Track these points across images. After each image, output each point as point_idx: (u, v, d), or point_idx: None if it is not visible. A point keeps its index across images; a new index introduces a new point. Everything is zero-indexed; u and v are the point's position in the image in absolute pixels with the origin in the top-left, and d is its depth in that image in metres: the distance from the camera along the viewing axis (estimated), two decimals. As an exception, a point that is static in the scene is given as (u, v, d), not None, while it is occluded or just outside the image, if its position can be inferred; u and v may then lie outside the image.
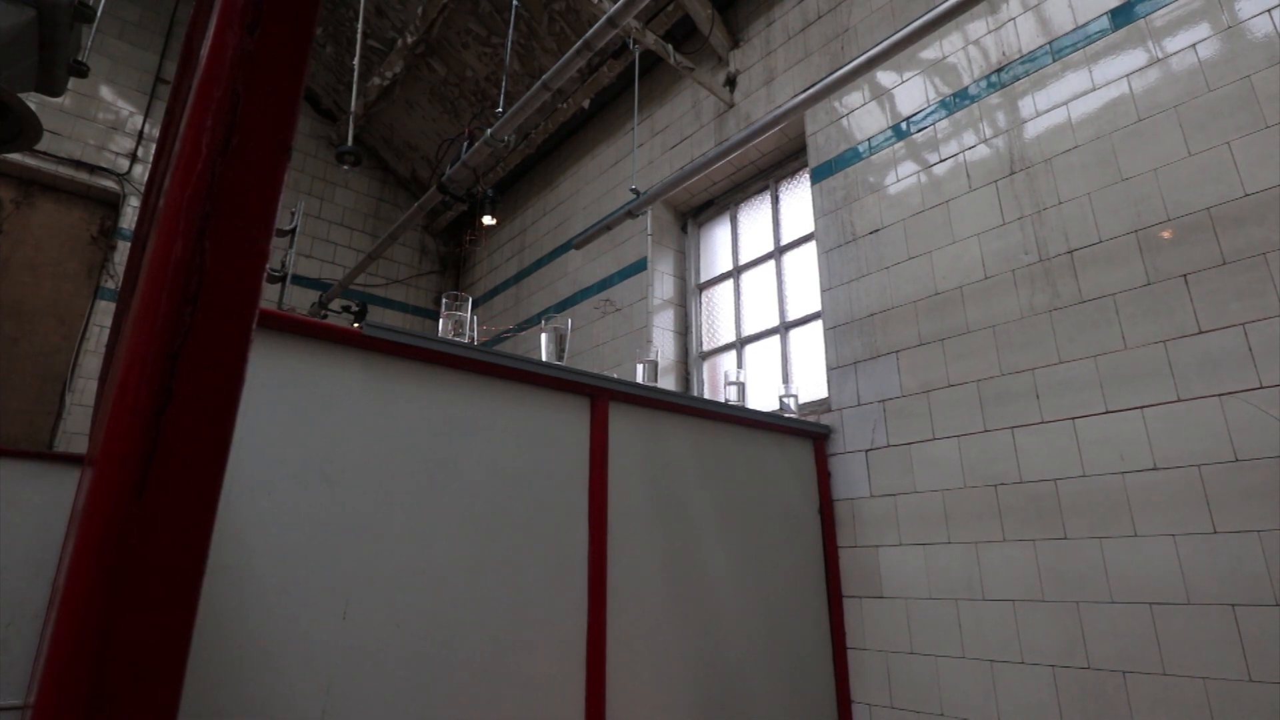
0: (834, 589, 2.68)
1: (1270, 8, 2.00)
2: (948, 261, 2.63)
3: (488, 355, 1.84)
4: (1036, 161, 2.45)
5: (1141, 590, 1.97)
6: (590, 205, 4.82)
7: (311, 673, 1.43)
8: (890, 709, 2.45)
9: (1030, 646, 2.15)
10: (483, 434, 1.83)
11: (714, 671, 2.17)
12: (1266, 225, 1.91)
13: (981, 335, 2.47)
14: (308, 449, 1.53)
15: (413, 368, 1.75)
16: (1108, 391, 2.13)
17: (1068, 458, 2.18)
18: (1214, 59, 2.09)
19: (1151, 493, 2.00)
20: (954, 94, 2.77)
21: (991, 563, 2.29)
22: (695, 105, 4.13)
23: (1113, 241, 2.21)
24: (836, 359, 2.95)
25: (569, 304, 4.73)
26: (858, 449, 2.77)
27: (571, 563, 1.91)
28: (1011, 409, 2.34)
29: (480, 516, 1.76)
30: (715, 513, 2.36)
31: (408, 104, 5.66)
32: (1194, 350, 1.99)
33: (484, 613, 1.71)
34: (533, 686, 1.74)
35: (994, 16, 2.70)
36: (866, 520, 2.67)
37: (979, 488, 2.37)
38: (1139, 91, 2.24)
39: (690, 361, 4.00)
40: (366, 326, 1.64)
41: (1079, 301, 2.25)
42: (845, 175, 3.12)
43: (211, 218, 0.46)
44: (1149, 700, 1.90)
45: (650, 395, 2.24)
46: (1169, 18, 2.21)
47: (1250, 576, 1.80)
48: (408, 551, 1.62)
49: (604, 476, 2.04)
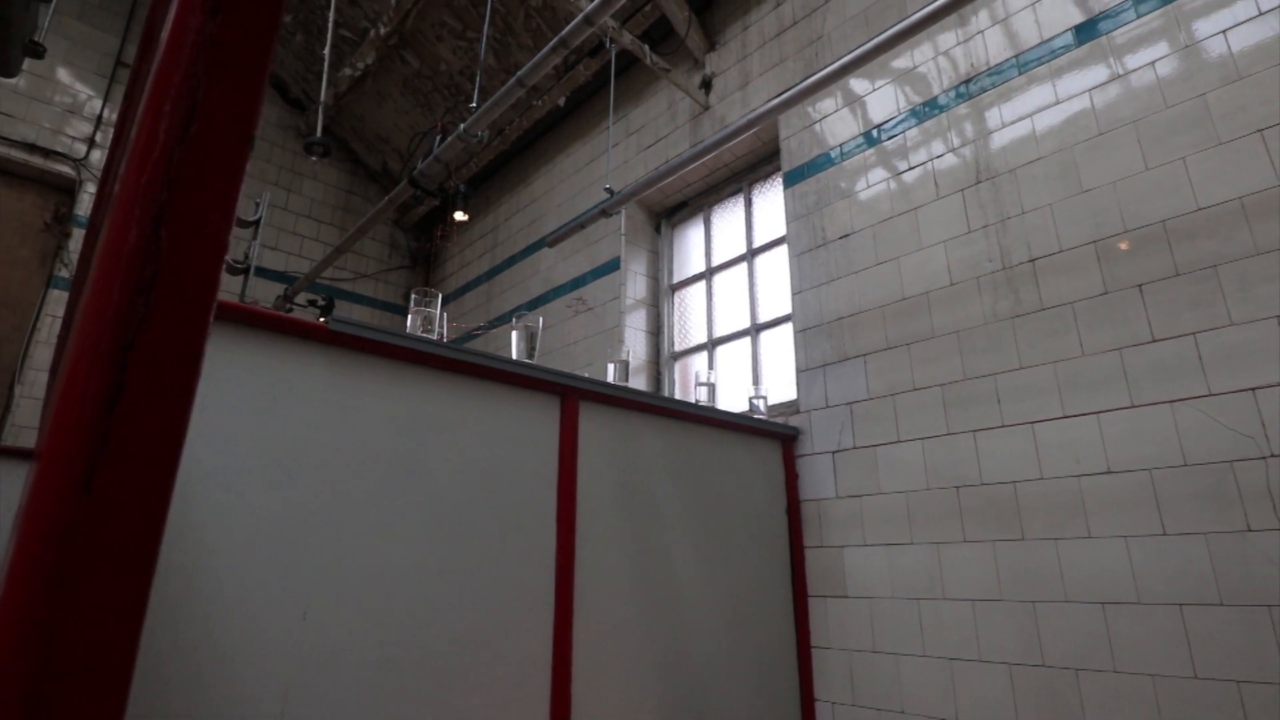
0: (799, 589, 2.71)
1: (1225, 29, 2.08)
2: (915, 267, 2.68)
3: (456, 352, 1.82)
4: (1001, 171, 2.51)
5: (1094, 590, 2.03)
6: (564, 203, 4.80)
7: (269, 675, 1.40)
8: (852, 707, 2.48)
9: (988, 645, 2.21)
10: (450, 432, 1.81)
11: (680, 671, 2.18)
12: (1218, 239, 1.99)
13: (946, 340, 2.52)
14: (269, 445, 1.50)
15: (379, 364, 1.72)
16: (1065, 397, 2.19)
17: (1026, 461, 2.24)
18: (1171, 77, 2.16)
19: (1105, 495, 2.06)
20: (924, 103, 2.82)
21: (952, 563, 2.34)
22: (671, 106, 4.14)
23: (1072, 251, 2.27)
24: (806, 361, 2.99)
25: (541, 302, 4.71)
26: (825, 450, 2.81)
27: (539, 563, 1.90)
28: (974, 413, 2.39)
29: (446, 516, 1.75)
30: (684, 513, 2.37)
31: (379, 96, 5.57)
32: (1147, 358, 2.05)
33: (448, 613, 1.69)
34: (497, 688, 1.73)
35: (963, 29, 2.76)
36: (832, 521, 2.71)
37: (941, 489, 2.42)
38: (1100, 106, 2.30)
39: (662, 362, 4.01)
40: (332, 321, 1.62)
41: (1039, 309, 2.31)
42: (817, 180, 3.16)
43: (168, 206, 0.45)
44: (1100, 697, 1.96)
45: (621, 395, 2.24)
46: (1130, 35, 2.28)
47: (1197, 577, 1.86)
48: (371, 551, 1.59)
49: (573, 476, 2.03)
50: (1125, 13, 2.30)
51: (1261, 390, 1.84)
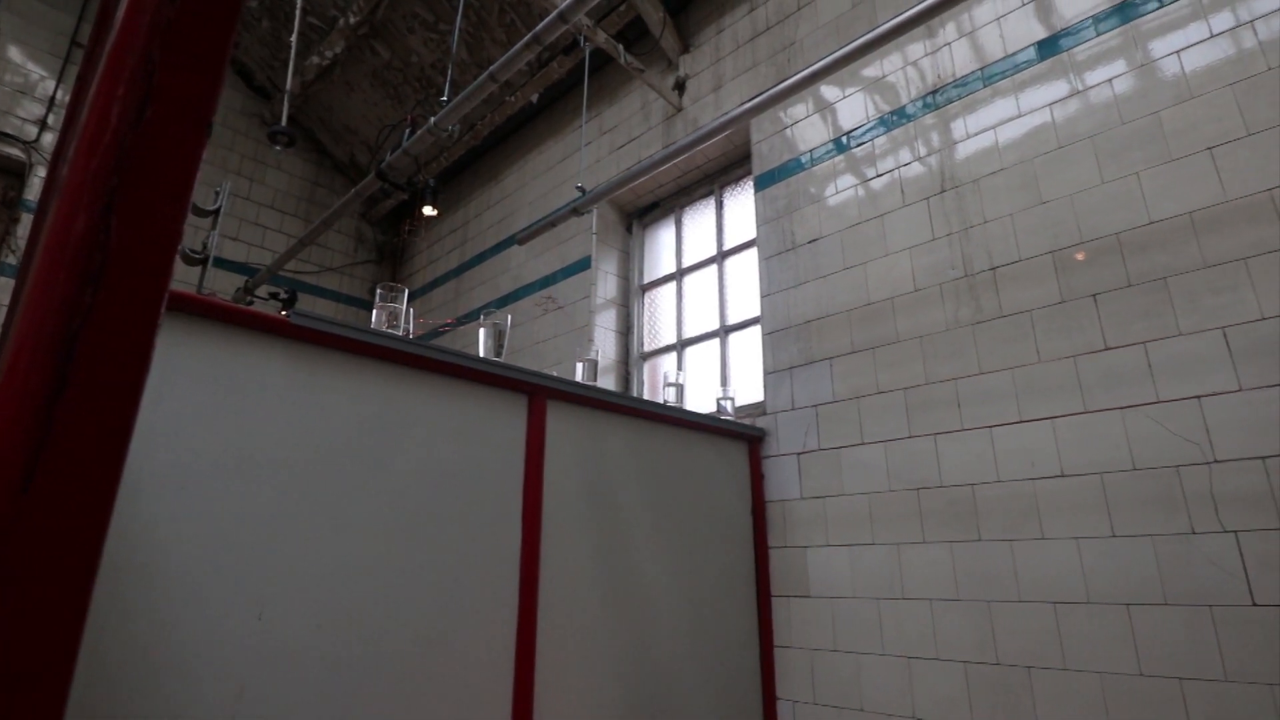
0: (763, 589, 2.73)
1: (1179, 50, 2.16)
2: (881, 273, 2.73)
3: (422, 349, 1.80)
4: (965, 181, 2.56)
5: (1046, 590, 2.09)
6: (536, 201, 4.77)
7: (222, 676, 1.36)
8: (813, 705, 2.52)
9: (945, 643, 2.25)
10: (415, 430, 1.79)
11: (644, 670, 2.19)
12: (1168, 251, 2.06)
13: (910, 345, 2.57)
14: (226, 441, 1.46)
15: (343, 360, 1.69)
16: (1022, 402, 2.25)
17: (984, 464, 2.29)
18: (1128, 94, 2.24)
19: (1058, 498, 2.12)
20: (892, 111, 2.87)
21: (912, 563, 2.39)
22: (644, 107, 4.14)
23: (1031, 260, 2.33)
24: (773, 363, 3.02)
25: (511, 300, 4.67)
26: (790, 452, 2.84)
27: (503, 562, 1.89)
28: (935, 416, 2.44)
29: (410, 514, 1.72)
30: (650, 513, 2.37)
31: (348, 86, 5.47)
32: (1100, 365, 2.12)
33: (410, 613, 1.67)
34: (459, 688, 1.71)
35: (931, 40, 2.81)
36: (796, 521, 2.74)
37: (902, 491, 2.46)
38: (1060, 120, 2.37)
39: (631, 362, 4.01)
40: (294, 315, 1.58)
41: (999, 316, 2.37)
42: (787, 185, 3.19)
43: (119, 192, 0.44)
44: (1051, 694, 2.02)
45: (589, 394, 2.23)
46: (1089, 52, 2.35)
47: (1143, 578, 1.93)
48: (331, 550, 1.56)
49: (539, 475, 2.02)
50: (1085, 30, 2.37)
51: (1206, 398, 1.92)
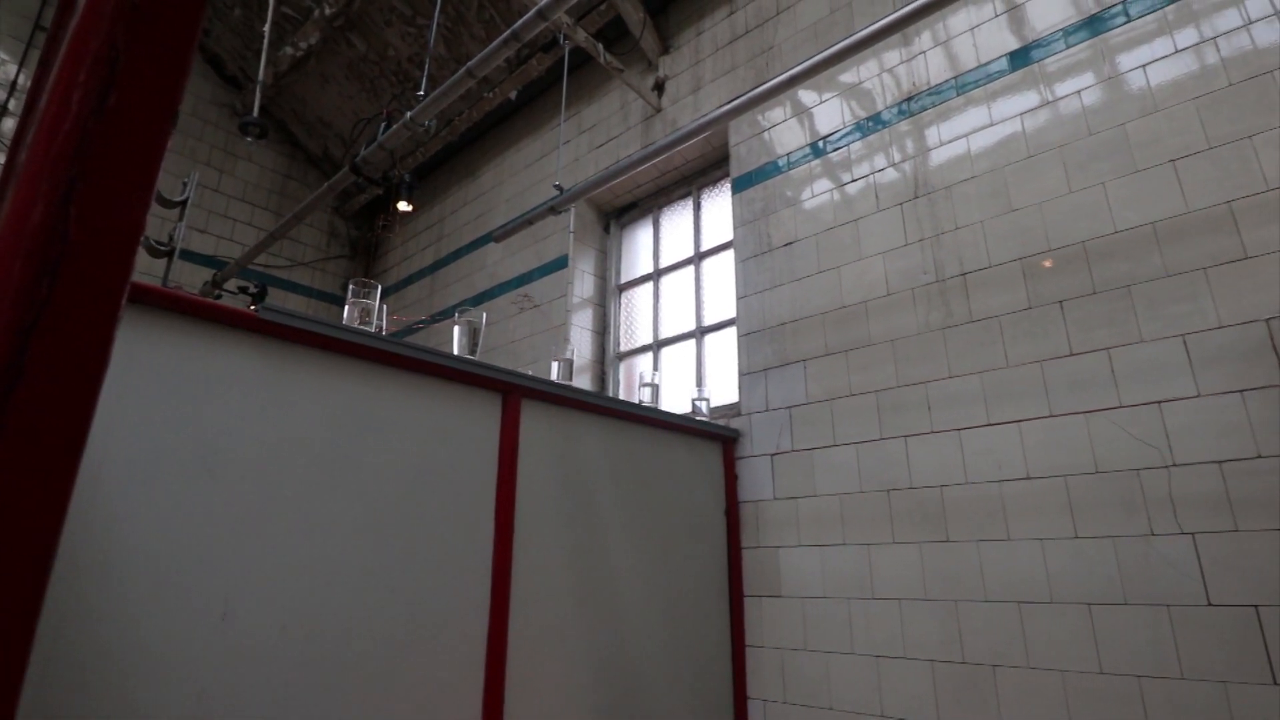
0: (735, 588, 2.75)
1: (1145, 64, 2.22)
2: (855, 277, 2.76)
3: (395, 346, 1.78)
4: (938, 188, 2.61)
5: (1011, 590, 2.13)
6: (513, 198, 4.74)
7: (182, 677, 1.33)
8: (783, 704, 2.54)
9: (913, 642, 2.29)
10: (387, 428, 1.76)
11: (616, 671, 2.18)
12: (1132, 260, 2.12)
13: (882, 348, 2.61)
14: (191, 438, 1.43)
15: (313, 356, 1.66)
16: (990, 406, 2.30)
17: (953, 466, 2.33)
18: (1096, 106, 2.29)
19: (1024, 500, 2.16)
20: (868, 118, 2.91)
21: (882, 564, 2.42)
22: (624, 107, 4.14)
23: (1001, 267, 2.38)
24: (748, 365, 3.03)
25: (487, 297, 4.63)
26: (764, 453, 2.86)
27: (475, 562, 1.87)
28: (906, 419, 2.48)
29: (380, 513, 1.70)
30: (624, 513, 2.37)
31: (323, 78, 5.38)
32: (1065, 370, 2.17)
33: (380, 614, 1.65)
34: (429, 689, 1.70)
35: (907, 48, 2.86)
36: (769, 522, 2.76)
37: (873, 492, 2.50)
38: (1030, 130, 2.42)
39: (607, 361, 4.01)
40: (263, 310, 1.55)
41: (969, 321, 2.41)
42: (764, 187, 3.21)
43: (79, 182, 0.43)
44: (1015, 691, 2.06)
45: (564, 394, 2.23)
46: (1059, 64, 2.40)
47: (1104, 578, 1.98)
48: (298, 549, 1.54)
49: (513, 475, 2.01)
50: (1056, 42, 2.43)
51: (1167, 404, 1.97)
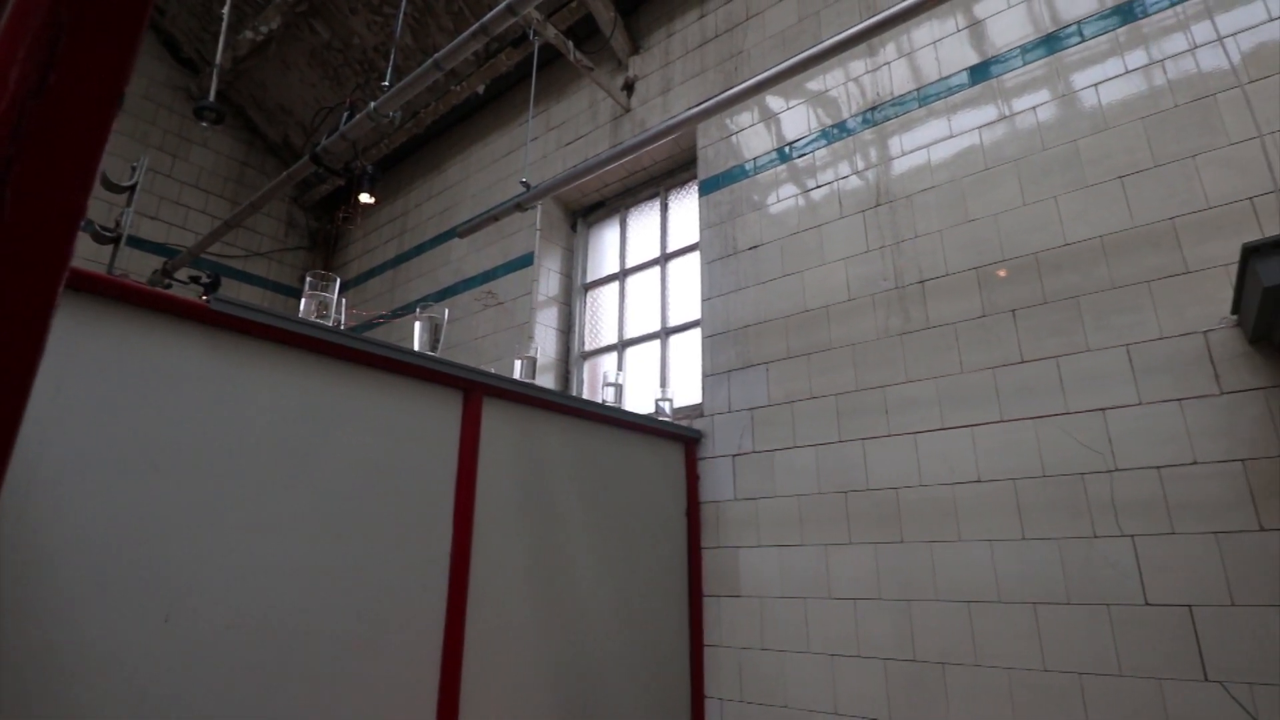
0: (695, 588, 2.77)
1: (1097, 83, 2.30)
2: (817, 282, 2.80)
3: (353, 341, 1.74)
4: (899, 197, 2.66)
5: (961, 590, 2.19)
6: (479, 193, 4.69)
7: (123, 681, 1.28)
8: (740, 703, 2.56)
9: (867, 641, 2.33)
10: (343, 424, 1.73)
11: (574, 671, 2.18)
12: (1080, 272, 2.19)
13: (842, 352, 2.65)
14: (135, 433, 1.38)
15: (267, 349, 1.62)
16: (944, 410, 2.36)
17: (908, 468, 2.39)
18: (1050, 122, 2.37)
19: (975, 502, 2.23)
20: (834, 125, 2.96)
21: (838, 564, 2.46)
22: (593, 105, 4.13)
23: (957, 275, 2.44)
24: (711, 367, 3.06)
25: (450, 293, 4.57)
26: (726, 454, 2.88)
27: (432, 562, 1.85)
28: (863, 422, 2.53)
29: (335, 511, 1.66)
30: (586, 513, 2.37)
31: (284, 64, 5.24)
32: (1016, 377, 2.24)
33: (332, 613, 1.61)
34: (382, 690, 1.67)
35: (872, 59, 2.91)
36: (729, 522, 2.79)
37: (831, 494, 2.54)
38: (988, 143, 2.49)
39: (571, 361, 3.99)
40: (215, 300, 1.51)
41: (926, 327, 2.47)
42: (731, 191, 3.24)
43: (15, 164, 0.41)
44: (963, 689, 2.12)
45: (527, 392, 2.21)
46: (1017, 80, 2.48)
47: (1049, 578, 2.05)
48: (248, 548, 1.49)
49: (473, 473, 1.99)
50: (1014, 59, 2.50)
51: (1110, 411, 2.05)
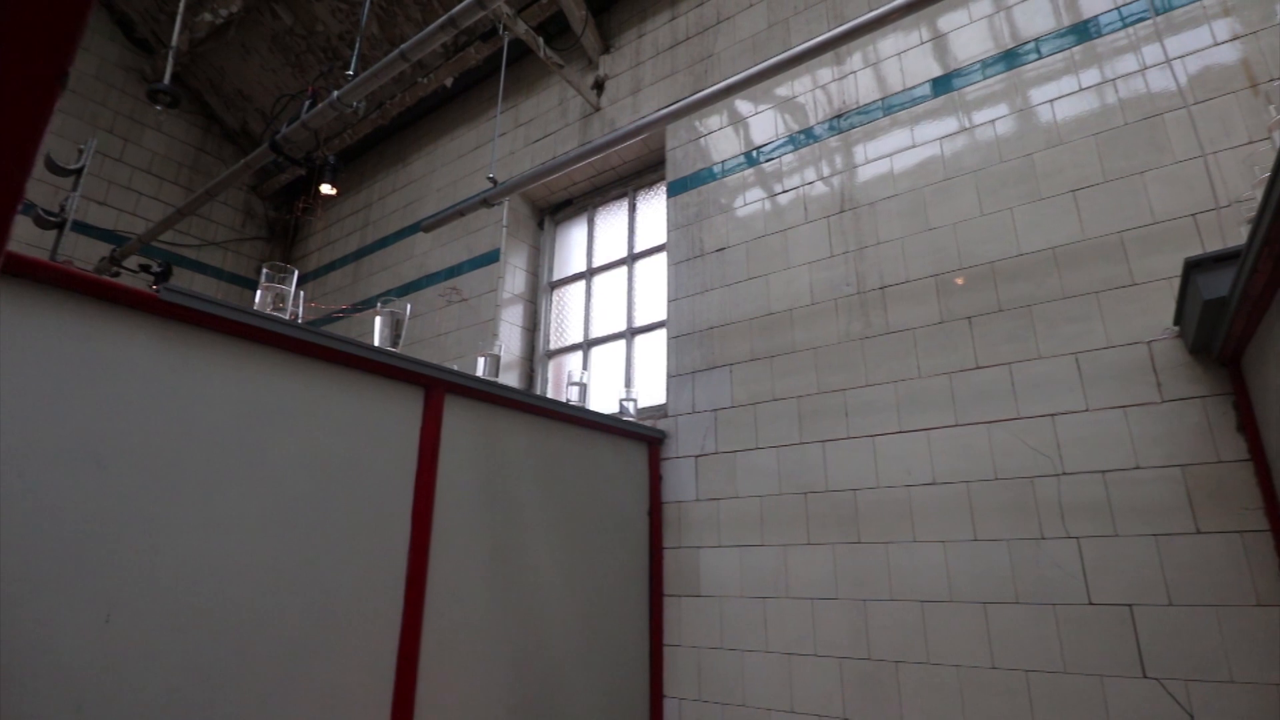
0: (656, 588, 2.77)
1: (1052, 99, 2.37)
2: (782, 285, 2.84)
3: (310, 335, 1.70)
4: (863, 203, 2.71)
5: (915, 589, 2.24)
6: (445, 188, 4.62)
7: (60, 686, 1.23)
8: (698, 702, 2.58)
9: (823, 640, 2.37)
10: (298, 420, 1.69)
11: (533, 672, 2.16)
12: (1033, 281, 2.26)
13: (805, 356, 2.69)
14: (77, 426, 1.32)
15: (220, 342, 1.57)
16: (902, 414, 2.41)
17: (866, 470, 2.43)
18: (1007, 135, 2.44)
19: (929, 504, 2.28)
20: (801, 131, 2.99)
21: (797, 564, 2.49)
22: (562, 103, 4.11)
23: (917, 282, 2.50)
24: (676, 367, 3.07)
25: (413, 288, 4.50)
26: (689, 454, 2.90)
27: (389, 561, 1.82)
28: (824, 424, 2.57)
29: (288, 509, 1.62)
30: (548, 512, 2.35)
31: (244, 49, 5.09)
32: (971, 383, 2.30)
33: (284, 615, 1.57)
34: (335, 692, 1.63)
35: (839, 67, 2.96)
36: (691, 523, 2.80)
37: (792, 495, 2.57)
38: (948, 154, 2.55)
39: (536, 359, 3.97)
40: (165, 290, 1.46)
41: (886, 332, 2.52)
42: (699, 193, 3.26)
43: (-55, 142, 0.39)
44: (915, 686, 2.17)
45: (490, 390, 2.19)
46: (977, 94, 2.54)
47: (998, 579, 2.11)
48: (195, 546, 1.45)
49: (433, 472, 1.96)
50: (974, 73, 2.57)
51: (1059, 416, 2.12)
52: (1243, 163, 2.00)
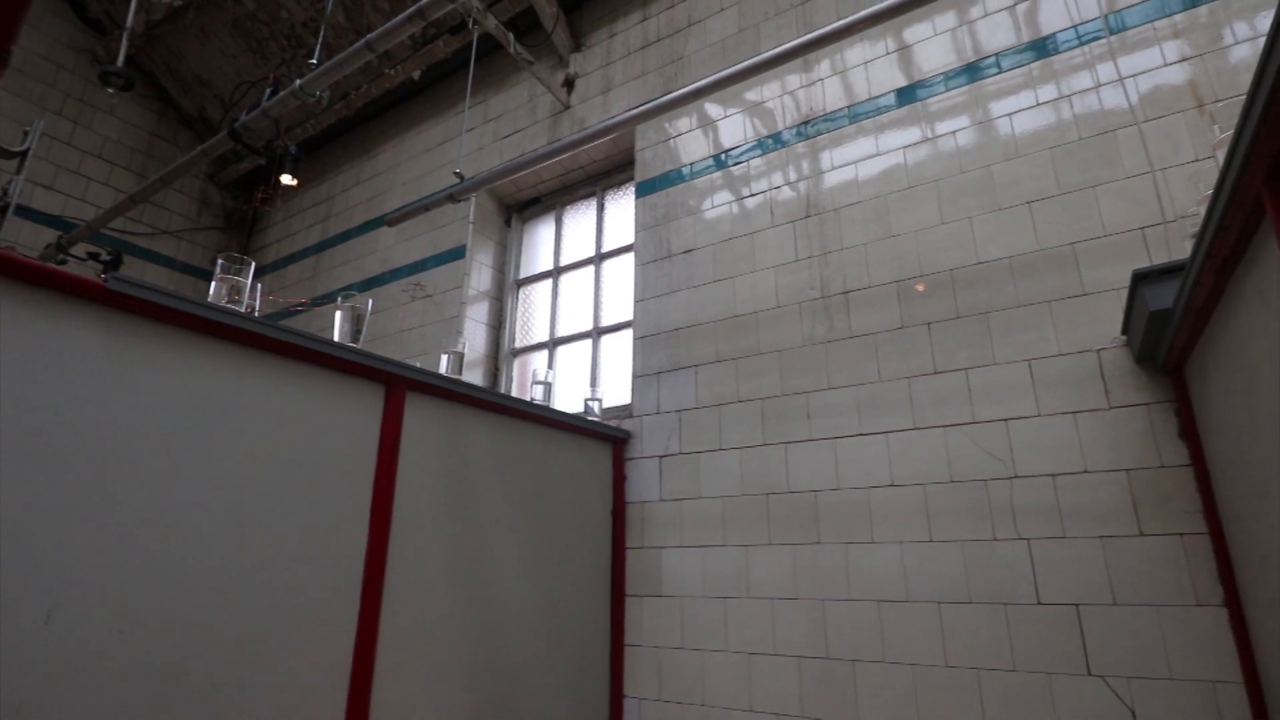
0: (618, 588, 2.77)
1: (1011, 113, 2.44)
2: (748, 288, 2.86)
3: (266, 328, 1.66)
4: (828, 209, 2.75)
5: (873, 589, 2.28)
6: (411, 182, 4.55)
7: (-9, 689, 1.18)
8: (658, 702, 2.58)
9: (782, 640, 2.40)
10: (253, 416, 1.64)
11: (492, 673, 2.14)
12: (990, 289, 2.32)
13: (769, 358, 2.72)
14: (18, 420, 1.27)
15: (171, 334, 1.52)
16: (863, 417, 2.45)
17: (827, 472, 2.47)
18: (968, 146, 2.50)
19: (888, 506, 2.32)
20: (769, 136, 3.03)
21: (758, 564, 2.52)
22: (532, 100, 4.08)
23: (879, 287, 2.55)
24: (642, 368, 3.07)
25: (377, 283, 4.42)
26: (653, 455, 2.90)
27: (346, 561, 1.78)
28: (787, 426, 2.60)
29: (241, 507, 1.58)
30: (511, 512, 2.33)
31: (203, 32, 4.94)
32: (929, 387, 2.35)
33: (235, 615, 1.53)
34: (287, 695, 1.59)
35: (808, 74, 3.00)
36: (654, 523, 2.81)
37: (754, 496, 2.60)
38: (911, 163, 2.60)
39: (501, 357, 3.93)
40: (114, 280, 1.40)
41: (849, 336, 2.56)
42: (667, 194, 3.27)
43: None
44: (871, 684, 2.20)
45: (452, 388, 2.16)
46: (940, 105, 2.60)
47: (952, 579, 2.16)
48: (143, 545, 1.40)
49: (393, 470, 1.93)
50: (937, 85, 2.63)
51: (1012, 421, 2.18)
52: (1189, 179, 2.08)
